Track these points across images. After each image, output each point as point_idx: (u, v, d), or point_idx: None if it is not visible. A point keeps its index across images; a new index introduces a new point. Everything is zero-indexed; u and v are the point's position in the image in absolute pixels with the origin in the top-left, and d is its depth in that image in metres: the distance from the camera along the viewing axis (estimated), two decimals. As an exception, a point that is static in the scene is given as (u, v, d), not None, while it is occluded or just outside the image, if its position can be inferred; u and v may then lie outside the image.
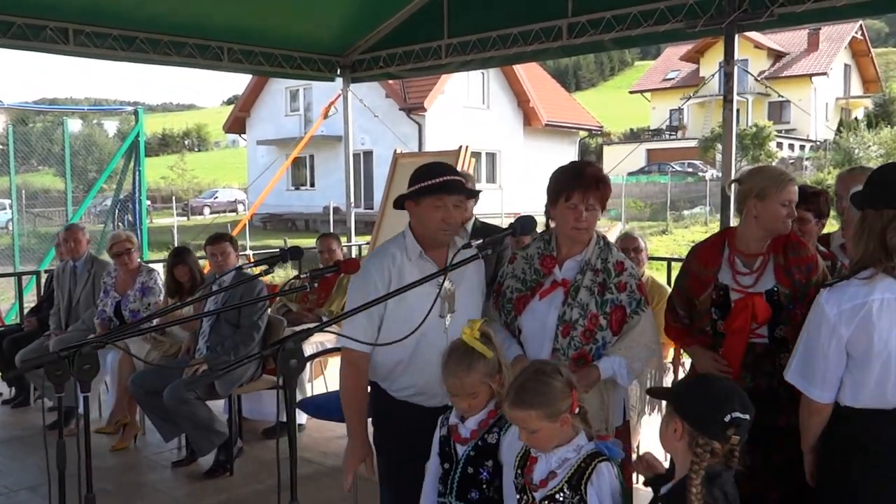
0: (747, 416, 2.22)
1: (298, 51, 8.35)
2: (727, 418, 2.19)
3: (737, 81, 6.20)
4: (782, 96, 37.14)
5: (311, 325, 4.96)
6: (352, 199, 9.44)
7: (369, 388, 3.20)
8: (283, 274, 13.69)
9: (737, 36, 6.07)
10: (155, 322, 4.55)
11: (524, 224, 3.02)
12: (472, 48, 7.52)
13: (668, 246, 21.37)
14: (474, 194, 3.30)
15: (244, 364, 4.71)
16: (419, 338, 2.86)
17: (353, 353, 3.09)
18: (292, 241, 21.11)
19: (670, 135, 44.93)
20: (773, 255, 3.19)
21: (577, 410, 2.50)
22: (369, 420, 3.19)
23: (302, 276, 3.13)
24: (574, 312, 3.07)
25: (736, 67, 6.23)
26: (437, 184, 3.02)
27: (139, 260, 6.30)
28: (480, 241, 2.80)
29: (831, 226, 4.40)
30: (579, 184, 3.07)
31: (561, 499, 2.46)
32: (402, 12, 7.91)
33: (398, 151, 9.37)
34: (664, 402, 2.48)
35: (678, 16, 6.14)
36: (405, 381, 3.14)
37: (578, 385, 2.55)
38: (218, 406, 5.58)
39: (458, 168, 9.41)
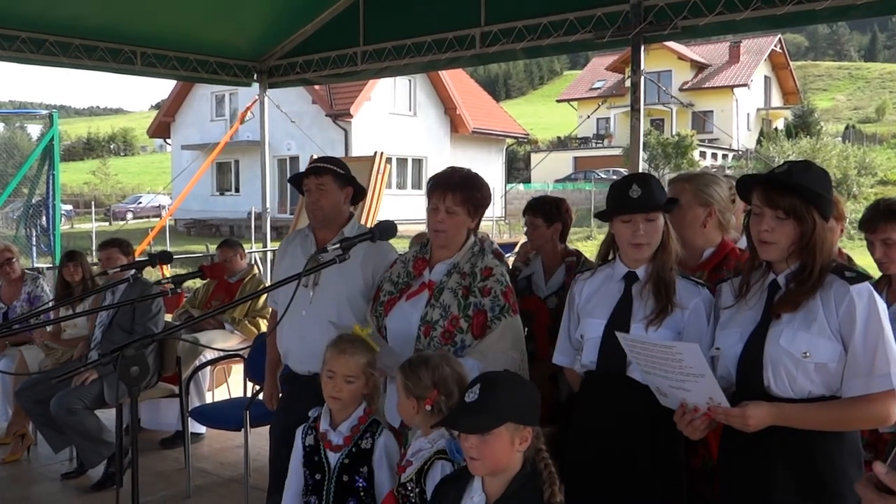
0: None
1: (214, 55, 8.18)
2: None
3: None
4: (692, 105, 38.14)
5: (170, 330, 4.93)
6: (268, 205, 9.35)
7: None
8: (190, 283, 13.44)
9: (647, 47, 6.19)
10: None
11: (383, 229, 3.05)
12: (387, 55, 7.50)
13: (591, 251, 21.62)
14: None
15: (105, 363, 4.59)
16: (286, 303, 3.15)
17: (273, 312, 3.86)
18: (215, 247, 20.67)
19: (597, 143, 45.63)
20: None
21: (428, 407, 2.57)
22: None
23: (163, 281, 3.07)
24: (435, 313, 3.07)
25: (643, 77, 6.37)
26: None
27: (22, 268, 6.15)
28: (337, 245, 2.85)
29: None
30: (437, 186, 3.13)
31: (410, 487, 2.56)
32: (318, 19, 7.84)
33: (314, 157, 9.36)
34: None
35: (587, 27, 6.22)
36: (281, 338, 3.61)
37: None
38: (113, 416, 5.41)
39: (372, 174, 9.44)
